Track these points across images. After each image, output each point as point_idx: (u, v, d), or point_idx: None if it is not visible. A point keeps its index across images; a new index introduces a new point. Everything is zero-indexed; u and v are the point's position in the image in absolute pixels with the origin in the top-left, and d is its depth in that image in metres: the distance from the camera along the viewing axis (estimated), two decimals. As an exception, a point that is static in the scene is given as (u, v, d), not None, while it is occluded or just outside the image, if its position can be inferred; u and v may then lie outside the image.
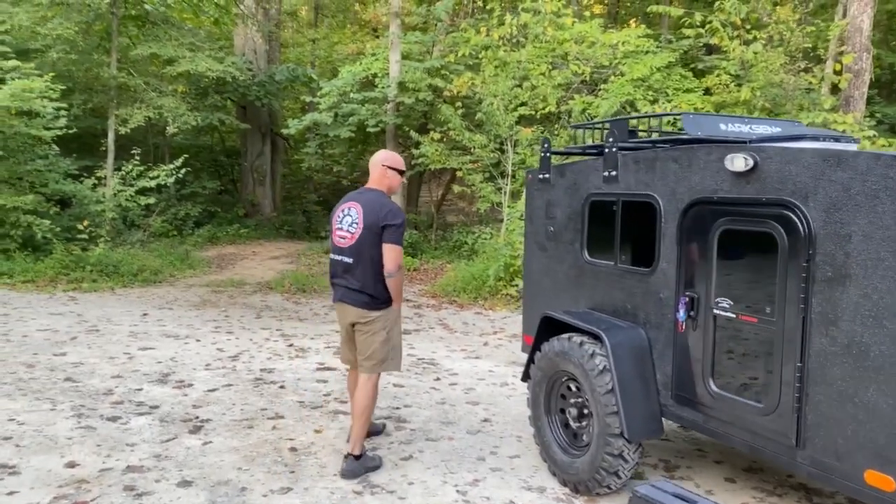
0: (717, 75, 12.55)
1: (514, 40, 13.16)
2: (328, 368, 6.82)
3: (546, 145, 4.78)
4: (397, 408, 5.65)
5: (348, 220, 4.30)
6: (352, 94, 14.14)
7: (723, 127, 4.15)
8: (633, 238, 4.08)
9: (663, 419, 3.90)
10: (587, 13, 14.35)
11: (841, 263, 2.91)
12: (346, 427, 5.17)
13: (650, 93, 12.85)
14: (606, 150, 4.20)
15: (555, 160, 4.92)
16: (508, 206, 11.28)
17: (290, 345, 7.82)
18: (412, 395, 5.98)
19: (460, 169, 11.82)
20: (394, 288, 4.28)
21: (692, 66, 15.29)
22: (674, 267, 3.75)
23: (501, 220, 17.72)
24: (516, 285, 10.22)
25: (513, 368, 6.93)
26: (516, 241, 10.13)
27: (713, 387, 3.52)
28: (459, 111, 11.67)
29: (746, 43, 12.43)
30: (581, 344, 4.03)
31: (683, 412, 3.74)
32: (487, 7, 14.56)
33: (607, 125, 4.84)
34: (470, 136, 11.30)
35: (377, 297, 4.27)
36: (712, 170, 3.51)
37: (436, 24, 15.14)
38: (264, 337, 8.20)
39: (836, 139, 3.88)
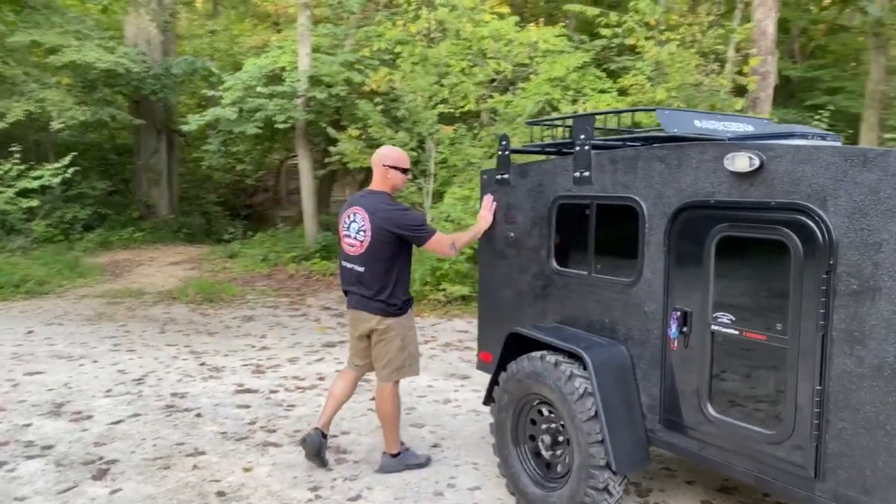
0: (634, 75, 12.55)
1: (431, 36, 12.71)
2: (248, 391, 6.13)
3: (505, 142, 4.33)
4: (335, 435, 5.06)
5: (355, 227, 4.18)
6: (259, 88, 13.26)
7: (697, 123, 3.84)
8: (611, 245, 3.69)
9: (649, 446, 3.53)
10: (498, 11, 14.03)
11: (869, 275, 2.60)
12: (280, 462, 4.57)
13: (568, 92, 12.71)
14: (577, 149, 3.79)
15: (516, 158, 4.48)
16: (431, 207, 10.80)
17: (202, 363, 7.05)
18: (348, 420, 5.40)
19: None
20: (466, 245, 4.45)
21: (605, 66, 15.32)
22: (660, 278, 3.38)
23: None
24: (444, 290, 9.77)
25: (453, 382, 6.47)
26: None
27: (711, 411, 3.17)
28: (378, 107, 11.10)
29: (661, 44, 12.49)
30: (557, 364, 3.61)
31: (674, 438, 3.37)
32: (401, 0, 14.04)
33: (569, 121, 4.46)
34: (391, 133, 10.74)
35: (392, 303, 4.20)
36: (707, 170, 3.15)
37: (348, 17, 14.46)
38: (171, 355, 7.38)
39: (823, 137, 3.63)
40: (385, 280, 4.15)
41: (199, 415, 5.47)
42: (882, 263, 2.57)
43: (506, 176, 4.33)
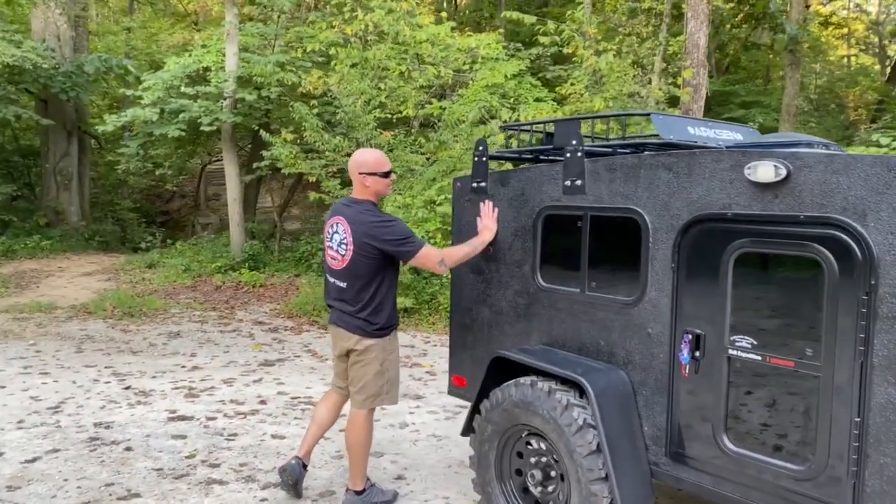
0: (572, 84, 12.48)
1: (366, 38, 12.29)
2: (183, 418, 5.55)
3: (482, 148, 3.98)
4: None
5: (338, 239, 3.86)
6: (183, 89, 12.48)
7: (691, 130, 3.59)
8: (608, 261, 3.39)
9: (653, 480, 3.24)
10: (430, 18, 13.75)
11: (917, 297, 2.38)
12: (227, 501, 4.06)
13: (508, 100, 12.52)
14: (568, 155, 3.48)
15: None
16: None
17: (128, 387, 6.40)
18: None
19: (311, 174, 10.70)
20: (460, 261, 3.89)
21: (539, 75, 15.25)
22: (667, 297, 3.09)
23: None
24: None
25: (406, 403, 6.05)
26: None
27: (728, 444, 2.90)
28: (314, 110, 10.57)
29: (598, 53, 12.47)
30: (550, 392, 3.27)
31: (683, 473, 3.09)
32: (335, 1, 13.55)
33: (543, 127, 4.16)
34: (329, 137, 10.23)
35: (373, 322, 3.83)
36: (723, 180, 2.89)
37: (278, 16, 13.84)
38: (91, 378, 6.68)
39: (827, 146, 3.43)
40: (367, 297, 3.80)
41: (128, 448, 4.87)
42: (932, 284, 2.35)
43: (483, 184, 3.98)
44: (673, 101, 13.51)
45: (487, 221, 3.91)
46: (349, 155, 10.85)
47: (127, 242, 18.79)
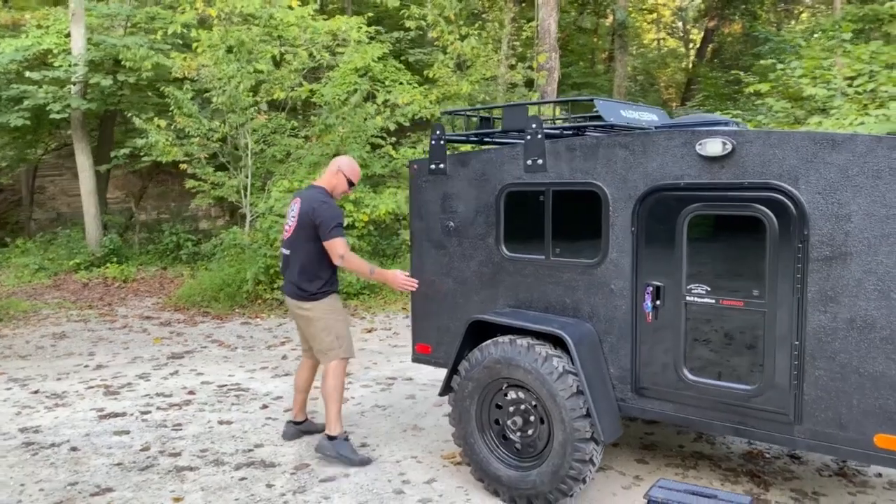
0: (439, 67, 12.93)
1: (231, 20, 11.99)
2: (115, 415, 5.43)
3: (439, 132, 4.31)
4: (249, 449, 4.69)
5: (291, 214, 4.49)
6: (27, 74, 11.54)
7: (623, 113, 4.14)
8: (570, 229, 3.85)
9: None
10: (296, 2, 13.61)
11: (840, 242, 3.04)
12: (209, 485, 4.15)
13: (376, 83, 12.75)
14: (530, 137, 3.90)
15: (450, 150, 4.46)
16: (254, 202, 10.25)
17: (35, 391, 6.09)
18: (252, 432, 5.03)
19: (187, 161, 10.39)
20: (352, 270, 4.52)
21: (402, 58, 15.57)
22: (628, 257, 3.62)
23: (218, 217, 16.24)
24: (280, 288, 9.35)
25: (337, 380, 6.26)
26: (277, 238, 9.23)
27: (689, 375, 3.48)
28: (188, 94, 10.22)
29: (462, 38, 13.01)
30: (529, 347, 3.71)
31: (648, 405, 3.64)
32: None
33: (492, 112, 4.57)
34: (206, 122, 9.97)
35: (307, 289, 4.41)
36: (676, 155, 3.44)
37: (131, -4, 13.10)
38: (-12, 385, 6.27)
39: (727, 123, 4.07)
40: (305, 266, 4.39)
41: (74, 448, 4.74)
42: (852, 232, 3.01)
43: (441, 165, 4.31)
44: (529, 84, 14.38)
45: (402, 279, 4.45)
46: (223, 140, 10.72)
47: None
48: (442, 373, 6.39)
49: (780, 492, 3.97)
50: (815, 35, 11.72)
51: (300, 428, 4.89)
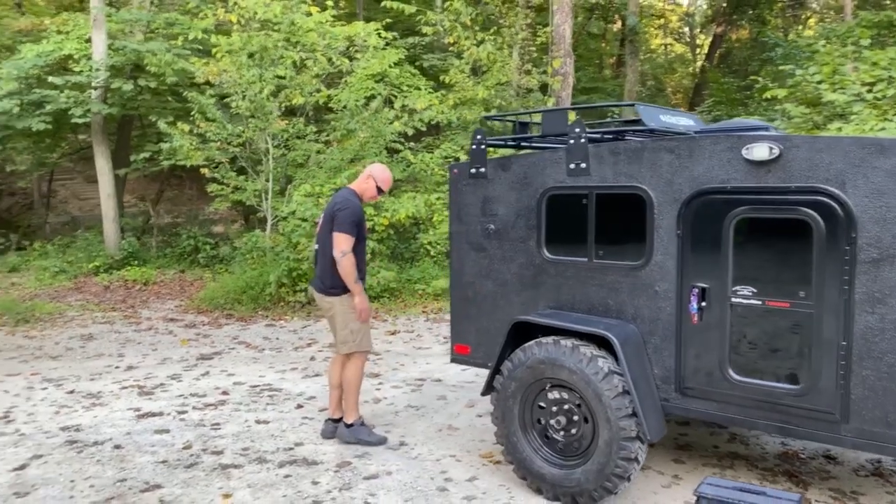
0: (455, 73, 13.01)
1: (250, 27, 12.11)
2: (152, 414, 5.52)
3: (480, 136, 4.39)
4: (290, 448, 4.77)
5: (324, 211, 4.78)
6: (50, 79, 11.66)
7: (662, 118, 4.23)
8: (613, 232, 3.93)
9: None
10: (316, 8, 13.72)
11: (888, 245, 3.12)
12: (256, 483, 4.23)
13: (395, 88, 12.85)
14: (573, 141, 3.98)
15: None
16: (274, 206, 10.34)
17: (71, 391, 6.18)
18: (291, 431, 5.11)
19: (208, 165, 10.49)
20: (343, 271, 4.55)
21: (417, 63, 15.68)
22: (673, 259, 3.70)
23: (236, 222, 16.35)
24: (303, 290, 9.44)
25: (364, 382, 6.32)
26: (301, 242, 9.32)
27: (733, 375, 3.55)
28: (212, 99, 10.33)
29: (478, 44, 13.10)
30: (574, 347, 3.78)
31: (692, 404, 3.72)
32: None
33: (535, 117, 4.65)
34: (231, 127, 10.08)
35: (329, 284, 4.64)
36: (721, 159, 3.51)
37: (151, 2, 13.22)
38: (24, 386, 6.37)
39: (766, 128, 4.15)
40: (325, 262, 4.63)
41: (117, 446, 4.83)
42: (900, 234, 3.09)
43: (482, 169, 4.39)
44: (543, 89, 14.46)
45: (363, 311, 4.65)
46: (243, 144, 10.83)
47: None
48: (470, 374, 6.51)
49: (819, 491, 4.03)
50: (824, 41, 11.77)
51: (336, 427, 4.97)
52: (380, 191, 4.79)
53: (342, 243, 4.50)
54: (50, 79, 11.73)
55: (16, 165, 15.28)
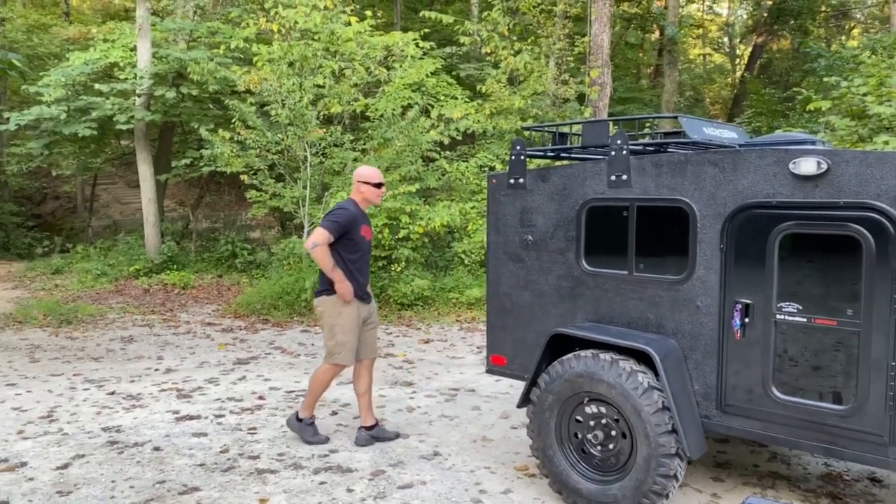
0: (492, 82, 13.03)
1: (290, 36, 12.28)
2: (190, 417, 5.59)
3: (519, 147, 4.39)
4: (325, 455, 4.79)
5: None
6: (97, 86, 11.95)
7: (705, 130, 4.17)
8: (655, 245, 3.89)
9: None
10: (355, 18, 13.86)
11: (942, 263, 3.04)
12: (291, 488, 4.25)
13: (429, 97, 12.91)
14: (614, 153, 3.96)
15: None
16: (311, 212, 10.44)
17: (112, 393, 6.29)
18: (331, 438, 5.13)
19: (247, 172, 10.64)
20: (317, 260, 4.68)
21: (453, 73, 15.75)
22: (716, 274, 3.64)
23: (273, 228, 16.55)
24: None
25: (402, 390, 6.37)
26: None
27: (777, 393, 3.48)
28: (252, 107, 10.50)
29: (515, 53, 13.11)
30: (613, 362, 3.74)
31: (733, 422, 3.65)
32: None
33: (575, 128, 4.63)
34: (271, 135, 10.22)
35: (320, 286, 4.85)
36: (767, 173, 3.46)
37: (194, 11, 13.49)
38: (66, 386, 6.50)
39: (813, 142, 4.08)
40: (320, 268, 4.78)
41: (157, 448, 4.90)
42: (953, 252, 3.00)
43: (521, 180, 4.38)
44: (580, 99, 14.40)
45: (346, 293, 4.70)
46: (281, 152, 10.96)
47: (11, 249, 17.63)
48: (503, 385, 6.48)
49: (864, 514, 3.93)
50: (870, 53, 11.51)
51: (372, 434, 5.02)
52: (377, 185, 4.86)
53: (315, 235, 4.62)
54: (96, 86, 12.01)
55: (61, 170, 15.67)
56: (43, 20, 19.35)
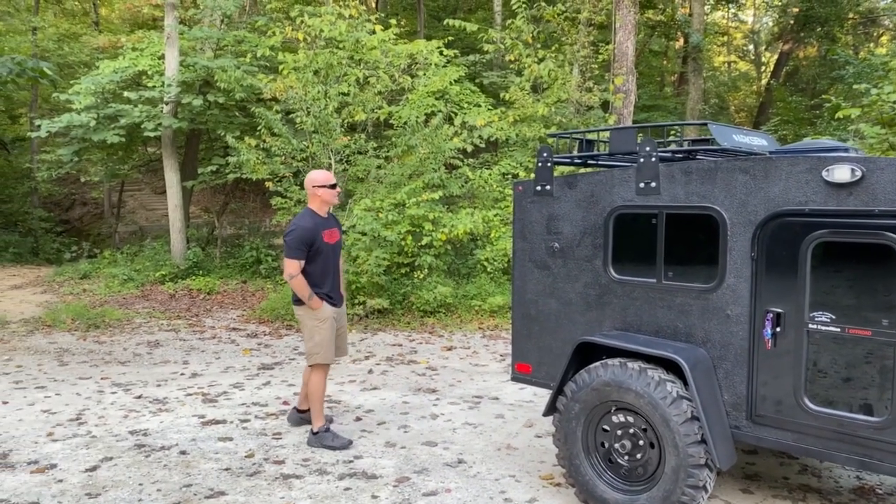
0: (516, 90, 13.02)
1: (315, 44, 12.38)
2: (216, 422, 5.62)
3: (546, 154, 4.37)
4: (349, 461, 4.80)
5: None
6: (126, 93, 12.13)
7: (735, 137, 4.13)
8: (684, 253, 3.85)
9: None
10: (380, 26, 13.95)
11: (980, 273, 2.97)
12: (316, 494, 4.25)
13: (455, 105, 12.95)
14: (643, 160, 3.93)
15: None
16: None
17: (139, 396, 6.35)
18: (357, 445, 5.13)
19: (273, 179, 10.73)
20: (295, 290, 4.91)
21: (477, 80, 15.77)
22: (746, 282, 3.60)
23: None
24: (362, 303, 9.53)
25: (426, 397, 6.35)
26: (360, 255, 9.43)
27: (809, 404, 3.42)
28: (278, 115, 10.59)
29: (539, 61, 13.09)
30: (641, 371, 3.71)
31: (764, 433, 3.60)
32: (274, 5, 13.54)
33: (601, 135, 4.61)
34: (296, 142, 10.30)
35: (295, 296, 5.02)
36: (799, 181, 3.41)
37: (221, 20, 13.65)
38: (94, 389, 6.57)
39: (846, 150, 4.02)
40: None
41: (183, 452, 4.93)
42: None
43: (547, 187, 4.37)
44: (604, 106, 14.34)
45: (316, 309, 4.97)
46: (306, 160, 11.03)
47: (41, 254, 17.92)
48: (527, 393, 6.45)
49: (899, 529, 3.85)
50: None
51: (303, 417, 5.48)
52: (333, 186, 5.00)
53: (288, 267, 4.83)
54: (125, 94, 12.18)
55: (89, 176, 15.90)
56: (73, 29, 19.73)
